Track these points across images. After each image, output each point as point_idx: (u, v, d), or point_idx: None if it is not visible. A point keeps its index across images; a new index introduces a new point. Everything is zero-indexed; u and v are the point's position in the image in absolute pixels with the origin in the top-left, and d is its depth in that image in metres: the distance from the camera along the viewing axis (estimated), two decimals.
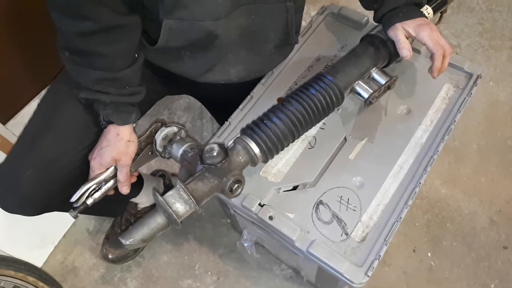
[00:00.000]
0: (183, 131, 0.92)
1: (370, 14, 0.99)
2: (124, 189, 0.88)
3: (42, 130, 0.88)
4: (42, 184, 0.87)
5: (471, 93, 0.95)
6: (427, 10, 0.95)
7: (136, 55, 0.85)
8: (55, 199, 0.91)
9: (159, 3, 0.78)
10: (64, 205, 0.89)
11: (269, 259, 1.32)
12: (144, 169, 1.48)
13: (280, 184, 0.88)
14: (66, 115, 0.89)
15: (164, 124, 0.91)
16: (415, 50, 1.02)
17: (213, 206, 1.40)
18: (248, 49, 0.92)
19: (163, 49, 0.87)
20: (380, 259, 0.78)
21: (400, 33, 0.87)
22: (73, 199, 0.83)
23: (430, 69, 0.90)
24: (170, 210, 0.73)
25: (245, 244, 1.04)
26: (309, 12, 1.87)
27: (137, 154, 0.90)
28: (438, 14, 1.00)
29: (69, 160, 0.88)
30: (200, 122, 1.64)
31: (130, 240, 0.74)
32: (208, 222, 1.42)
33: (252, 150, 0.80)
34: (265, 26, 0.90)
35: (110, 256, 1.33)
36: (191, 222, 1.41)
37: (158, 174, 1.43)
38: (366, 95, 0.89)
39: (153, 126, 0.91)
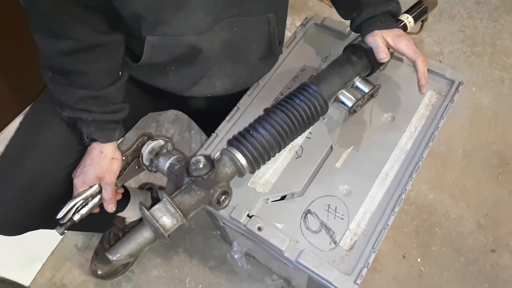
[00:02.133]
0: (169, 144, 0.92)
1: None
2: (110, 207, 0.87)
3: (24, 149, 0.87)
4: (24, 204, 0.85)
5: (453, 100, 0.97)
6: (408, 19, 0.96)
7: (120, 73, 0.84)
8: (37, 218, 0.89)
9: (141, 20, 0.77)
10: (48, 223, 0.88)
11: (260, 270, 1.32)
12: (132, 183, 1.47)
13: (268, 194, 0.89)
14: (48, 134, 0.87)
15: (151, 137, 0.91)
16: (398, 59, 1.04)
17: (203, 219, 1.39)
18: (232, 61, 0.92)
19: (147, 65, 0.87)
20: (368, 267, 0.78)
21: (378, 39, 0.88)
22: (60, 215, 0.82)
23: (418, 82, 0.89)
24: (157, 224, 0.72)
25: (236, 256, 1.04)
26: (294, 23, 1.89)
27: (123, 169, 0.90)
28: (419, 23, 1.02)
29: (52, 179, 0.87)
30: (189, 133, 1.64)
31: (117, 256, 0.73)
32: (198, 235, 1.41)
33: (239, 161, 0.80)
34: (248, 38, 0.90)
35: (99, 272, 1.32)
36: (181, 235, 1.40)
37: (146, 187, 1.43)
38: (350, 104, 0.90)
39: (140, 139, 0.91)
